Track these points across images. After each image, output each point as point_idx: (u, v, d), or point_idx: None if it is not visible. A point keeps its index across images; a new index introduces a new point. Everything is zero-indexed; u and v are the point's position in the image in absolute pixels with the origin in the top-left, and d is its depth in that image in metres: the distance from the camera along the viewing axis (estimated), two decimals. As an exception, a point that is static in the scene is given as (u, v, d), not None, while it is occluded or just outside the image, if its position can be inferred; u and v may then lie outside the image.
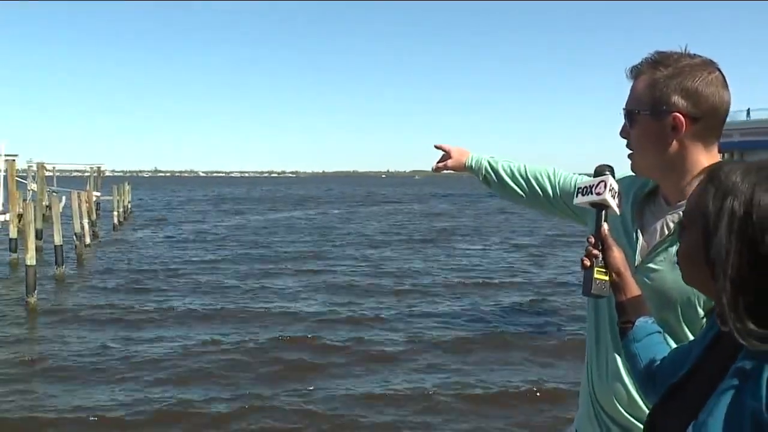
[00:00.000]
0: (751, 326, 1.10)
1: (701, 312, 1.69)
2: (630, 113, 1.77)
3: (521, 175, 2.28)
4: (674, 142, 1.71)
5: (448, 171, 2.49)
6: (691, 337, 1.69)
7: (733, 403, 1.09)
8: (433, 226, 37.99)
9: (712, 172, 1.20)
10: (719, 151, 1.78)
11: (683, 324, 1.72)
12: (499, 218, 44.20)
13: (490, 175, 2.35)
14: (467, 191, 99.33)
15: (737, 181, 1.14)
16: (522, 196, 2.28)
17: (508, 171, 2.31)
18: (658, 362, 1.47)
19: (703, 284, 1.21)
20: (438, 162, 2.49)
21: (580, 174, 2.20)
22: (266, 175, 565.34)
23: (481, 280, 18.83)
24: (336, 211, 53.27)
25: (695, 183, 1.25)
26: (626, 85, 1.81)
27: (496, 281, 18.80)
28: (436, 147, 2.49)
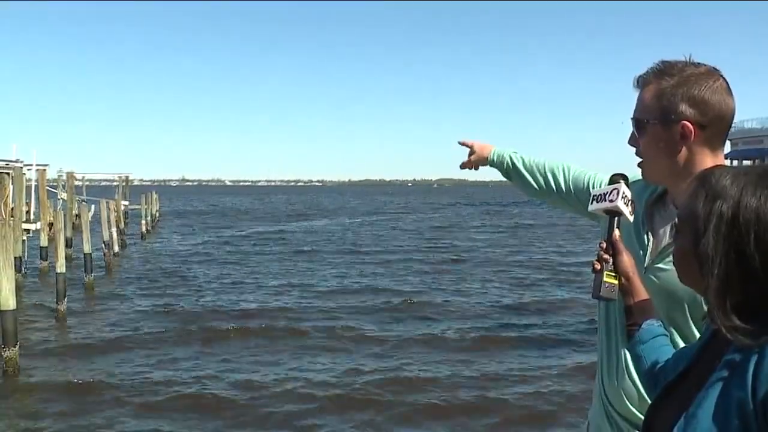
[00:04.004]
0: (737, 322, 1.15)
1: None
2: (639, 122, 1.83)
3: (540, 172, 2.36)
4: (683, 149, 1.77)
5: (474, 167, 2.54)
6: (698, 334, 1.75)
7: (722, 393, 1.14)
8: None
9: (703, 176, 1.25)
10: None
11: (690, 321, 1.78)
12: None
13: (511, 170, 2.43)
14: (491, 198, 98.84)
15: (726, 185, 1.19)
16: (536, 189, 2.37)
17: (529, 167, 2.39)
18: (662, 363, 1.52)
19: (696, 283, 1.26)
20: (464, 160, 2.56)
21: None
22: (293, 184, 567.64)
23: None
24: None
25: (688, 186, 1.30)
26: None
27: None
28: (460, 144, 2.56)
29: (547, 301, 16.86)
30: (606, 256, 1.67)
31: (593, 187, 2.17)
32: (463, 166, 2.56)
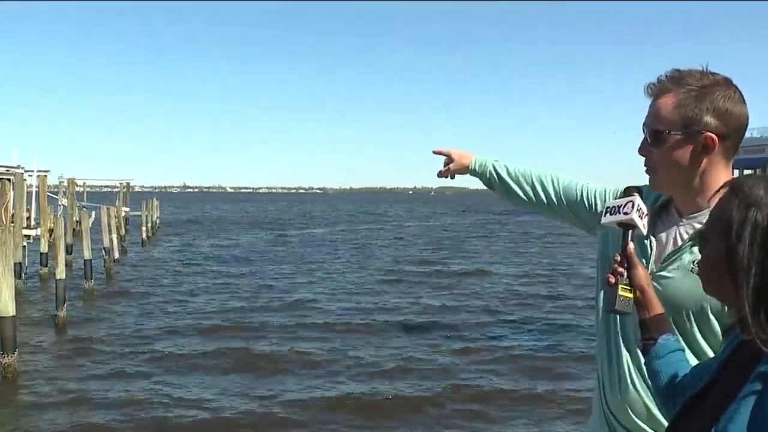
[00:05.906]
0: None
1: (712, 318, 1.74)
2: (658, 133, 1.77)
3: (525, 180, 2.28)
4: (703, 161, 1.74)
5: (450, 175, 2.45)
6: (703, 343, 1.75)
7: (756, 406, 1.11)
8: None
9: (736, 185, 1.24)
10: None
11: (695, 329, 1.76)
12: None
13: (494, 178, 2.34)
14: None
15: (761, 195, 1.18)
16: (524, 200, 2.29)
17: (513, 175, 2.31)
18: (680, 378, 1.50)
19: (724, 294, 1.24)
20: (442, 168, 2.46)
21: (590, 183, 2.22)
22: (294, 191, 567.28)
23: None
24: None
25: (712, 197, 1.29)
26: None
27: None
28: (435, 152, 2.47)
29: (554, 315, 16.82)
30: (620, 270, 1.64)
31: (587, 198, 2.15)
32: (440, 175, 2.47)
